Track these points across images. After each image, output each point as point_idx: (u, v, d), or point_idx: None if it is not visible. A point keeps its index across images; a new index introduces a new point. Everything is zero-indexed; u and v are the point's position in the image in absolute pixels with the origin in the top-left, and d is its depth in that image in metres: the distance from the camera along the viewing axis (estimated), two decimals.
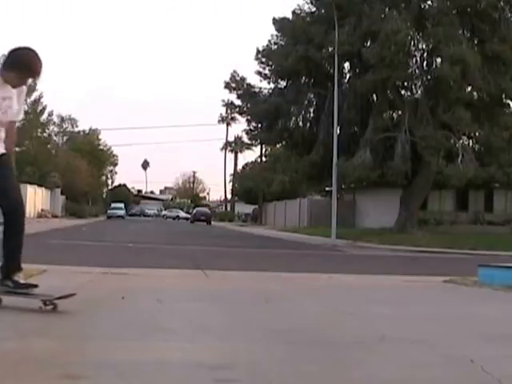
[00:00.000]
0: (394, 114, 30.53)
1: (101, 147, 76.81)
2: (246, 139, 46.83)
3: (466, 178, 26.70)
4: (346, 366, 3.53)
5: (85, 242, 18.40)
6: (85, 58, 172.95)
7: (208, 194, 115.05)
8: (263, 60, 30.65)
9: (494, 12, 26.58)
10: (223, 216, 76.94)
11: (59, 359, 3.30)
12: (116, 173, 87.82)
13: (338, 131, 27.46)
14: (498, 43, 26.09)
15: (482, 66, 25.61)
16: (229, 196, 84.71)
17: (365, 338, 4.32)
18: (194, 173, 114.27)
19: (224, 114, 72.12)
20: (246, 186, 70.75)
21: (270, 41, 30.84)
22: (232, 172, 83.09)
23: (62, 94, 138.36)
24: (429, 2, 28.14)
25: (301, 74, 30.28)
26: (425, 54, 28.22)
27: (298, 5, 30.46)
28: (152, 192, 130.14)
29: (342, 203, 34.53)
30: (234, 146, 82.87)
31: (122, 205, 72.29)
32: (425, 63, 28.39)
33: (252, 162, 75.31)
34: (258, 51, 30.61)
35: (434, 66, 27.87)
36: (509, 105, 29.57)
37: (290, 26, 30.12)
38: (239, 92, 31.75)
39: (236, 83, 31.56)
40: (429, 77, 27.95)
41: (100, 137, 75.90)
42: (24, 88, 4.80)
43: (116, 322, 4.58)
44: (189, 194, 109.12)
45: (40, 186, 50.28)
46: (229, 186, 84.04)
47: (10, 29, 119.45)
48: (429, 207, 36.12)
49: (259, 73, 30.93)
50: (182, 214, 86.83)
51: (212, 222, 62.12)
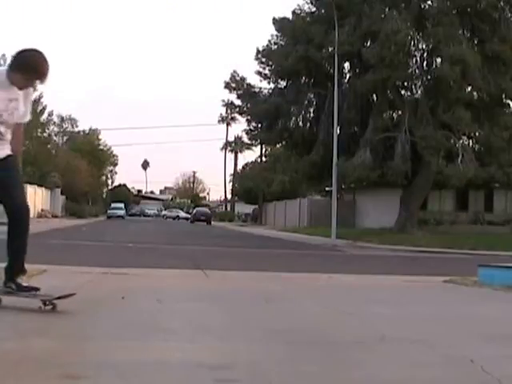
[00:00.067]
0: (394, 114, 30.54)
1: (101, 147, 76.86)
2: (246, 139, 46.84)
3: (466, 178, 26.72)
4: (346, 365, 3.53)
5: (85, 241, 18.39)
6: (85, 58, 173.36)
7: (208, 194, 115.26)
8: (263, 60, 30.66)
9: (494, 12, 26.60)
10: (223, 216, 76.92)
11: (59, 359, 3.30)
12: (116, 173, 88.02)
13: (338, 131, 27.47)
14: (498, 43, 26.10)
15: (482, 66, 25.62)
16: (229, 196, 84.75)
17: (365, 337, 4.32)
18: (194, 173, 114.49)
19: (224, 114, 72.24)
20: (246, 186, 70.73)
21: (269, 41, 30.89)
22: (232, 172, 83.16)
23: (62, 93, 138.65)
24: (429, 2, 28.15)
25: (301, 74, 30.29)
26: (425, 54, 28.23)
27: (298, 5, 30.54)
28: (152, 192, 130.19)
29: (342, 203, 34.54)
30: (234, 146, 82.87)
31: (121, 205, 72.26)
32: (425, 63, 28.40)
33: (252, 162, 75.32)
34: (258, 51, 30.63)
35: (434, 66, 27.88)
36: (509, 105, 29.58)
37: (290, 26, 30.13)
38: (239, 92, 31.75)
39: (236, 83, 31.56)
40: (429, 77, 27.96)
41: (100, 137, 76.11)
42: (31, 90, 4.77)
43: (116, 322, 4.58)
44: (189, 194, 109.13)
45: (40, 185, 50.24)
46: (229, 186, 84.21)
47: (10, 29, 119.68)
48: (429, 207, 36.13)
49: (259, 73, 30.95)
50: (182, 214, 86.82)
51: (212, 222, 62.11)
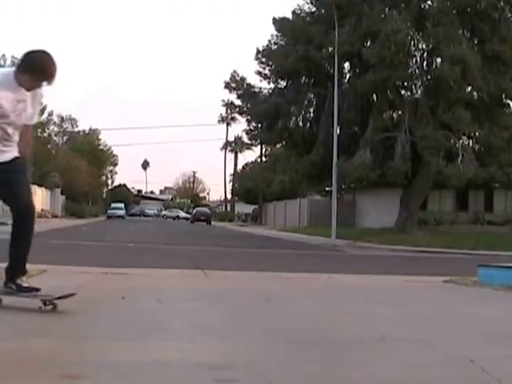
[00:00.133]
0: (394, 114, 30.53)
1: (101, 147, 76.91)
2: (246, 139, 46.80)
3: (466, 178, 26.71)
4: (346, 365, 3.52)
5: (85, 241, 18.39)
6: (85, 58, 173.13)
7: (208, 194, 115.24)
8: (263, 60, 30.65)
9: (494, 12, 26.59)
10: (223, 216, 76.91)
11: (59, 359, 3.30)
12: (116, 173, 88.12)
13: (338, 131, 27.46)
14: (498, 43, 26.10)
15: (482, 66, 25.61)
16: (229, 196, 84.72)
17: (365, 337, 4.32)
18: (194, 173, 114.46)
19: (224, 114, 72.17)
20: (246, 186, 70.71)
21: (269, 41, 30.88)
22: (232, 172, 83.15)
23: (62, 93, 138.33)
24: (429, 2, 28.15)
25: (301, 74, 30.28)
26: (425, 54, 28.22)
27: (298, 5, 30.53)
28: (152, 192, 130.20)
29: (342, 203, 34.53)
30: (234, 146, 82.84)
31: (121, 205, 72.27)
32: (425, 63, 28.39)
33: (252, 162, 75.30)
34: (258, 51, 30.62)
35: (434, 66, 27.87)
36: (509, 105, 29.58)
37: (290, 26, 30.12)
38: (239, 92, 31.74)
39: (236, 83, 31.55)
40: (429, 77, 27.95)
41: (100, 137, 76.20)
42: (38, 91, 4.76)
43: (116, 321, 4.58)
44: (189, 194, 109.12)
45: (40, 186, 50.21)
46: (229, 186, 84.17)
47: (10, 29, 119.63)
48: (429, 207, 36.12)
49: (259, 73, 30.94)
50: (182, 214, 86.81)
51: (212, 222, 62.11)
